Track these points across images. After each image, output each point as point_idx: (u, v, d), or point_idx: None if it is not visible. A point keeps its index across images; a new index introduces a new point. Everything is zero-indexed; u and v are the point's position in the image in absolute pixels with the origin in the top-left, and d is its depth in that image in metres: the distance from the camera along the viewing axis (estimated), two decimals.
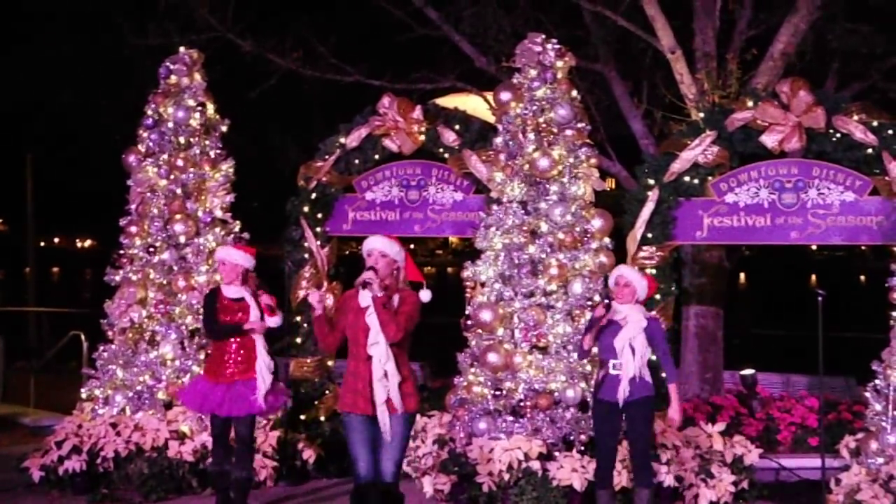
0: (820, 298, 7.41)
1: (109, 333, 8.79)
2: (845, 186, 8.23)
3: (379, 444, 5.85)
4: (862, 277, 52.64)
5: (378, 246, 5.93)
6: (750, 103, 8.39)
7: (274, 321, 7.11)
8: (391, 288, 5.90)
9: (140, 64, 11.84)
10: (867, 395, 7.65)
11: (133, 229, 8.88)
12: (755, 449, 7.90)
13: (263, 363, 7.00)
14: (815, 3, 10.05)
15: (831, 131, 8.12)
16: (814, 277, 51.82)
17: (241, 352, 7.02)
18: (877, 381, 7.55)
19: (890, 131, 7.99)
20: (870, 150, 8.03)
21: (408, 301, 5.89)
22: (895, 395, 7.38)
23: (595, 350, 6.90)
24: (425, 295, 5.95)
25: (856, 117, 8.07)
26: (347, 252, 11.24)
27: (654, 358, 6.81)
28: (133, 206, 8.97)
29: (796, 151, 8.34)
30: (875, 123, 8.02)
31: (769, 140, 8.27)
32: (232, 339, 7.03)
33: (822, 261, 62.76)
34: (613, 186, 11.91)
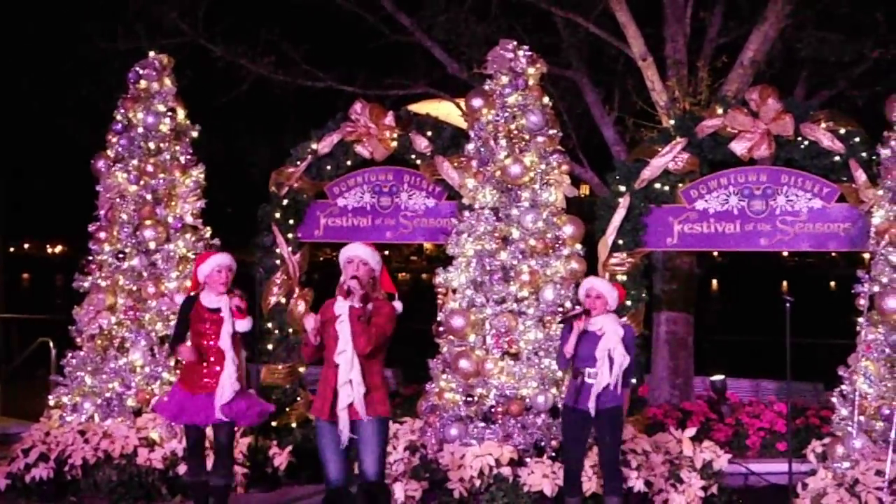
0: (788, 305, 7.48)
1: (78, 340, 8.71)
2: (813, 193, 8.31)
3: (357, 446, 5.87)
4: (832, 284, 53.07)
5: (360, 254, 5.88)
6: (720, 111, 8.45)
7: (243, 325, 6.81)
8: (367, 297, 5.84)
9: (109, 68, 11.75)
10: (834, 400, 7.72)
11: (102, 235, 8.80)
12: (724, 454, 7.94)
13: (227, 374, 6.69)
14: (785, 11, 10.16)
15: (799, 139, 8.19)
16: (785, 284, 52.21)
17: (217, 361, 6.77)
18: (843, 387, 7.62)
19: (857, 139, 8.08)
20: (837, 158, 8.11)
21: (381, 313, 5.86)
22: (861, 400, 7.45)
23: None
24: (397, 306, 5.95)
25: (823, 125, 8.15)
26: (321, 258, 11.20)
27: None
28: (102, 212, 8.89)
29: (765, 159, 8.41)
30: (842, 131, 8.11)
31: (738, 147, 8.33)
32: (207, 348, 6.77)
33: (794, 267, 63.25)
34: (588, 193, 11.98)
